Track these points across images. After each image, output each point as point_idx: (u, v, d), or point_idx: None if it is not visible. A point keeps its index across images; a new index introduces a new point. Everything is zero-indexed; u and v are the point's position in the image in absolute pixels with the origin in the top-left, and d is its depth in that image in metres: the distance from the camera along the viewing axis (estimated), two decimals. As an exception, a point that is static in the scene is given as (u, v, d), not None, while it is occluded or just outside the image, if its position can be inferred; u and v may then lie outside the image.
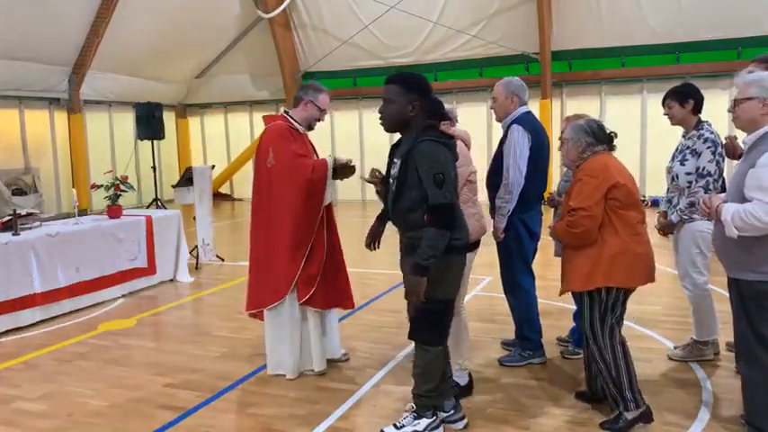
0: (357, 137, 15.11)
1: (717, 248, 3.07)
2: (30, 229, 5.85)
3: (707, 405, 3.56)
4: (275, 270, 4.05)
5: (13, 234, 5.60)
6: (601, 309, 3.25)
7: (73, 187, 11.84)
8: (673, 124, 4.16)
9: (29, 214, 6.08)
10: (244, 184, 16.35)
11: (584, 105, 12.28)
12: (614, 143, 3.40)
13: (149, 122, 11.76)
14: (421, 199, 2.96)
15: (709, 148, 3.91)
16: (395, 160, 3.14)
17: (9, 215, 5.85)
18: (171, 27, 13.02)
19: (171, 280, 7.18)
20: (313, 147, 4.29)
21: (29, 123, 12.51)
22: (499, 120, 4.22)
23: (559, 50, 12.75)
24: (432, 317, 3.13)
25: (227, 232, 11.09)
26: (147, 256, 6.82)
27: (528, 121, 4.08)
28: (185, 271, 7.30)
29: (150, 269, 6.87)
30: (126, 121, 14.51)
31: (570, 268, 3.32)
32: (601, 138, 3.33)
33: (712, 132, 3.98)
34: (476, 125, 13.73)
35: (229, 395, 3.96)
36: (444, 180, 2.90)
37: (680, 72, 11.73)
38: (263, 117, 4.26)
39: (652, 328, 4.92)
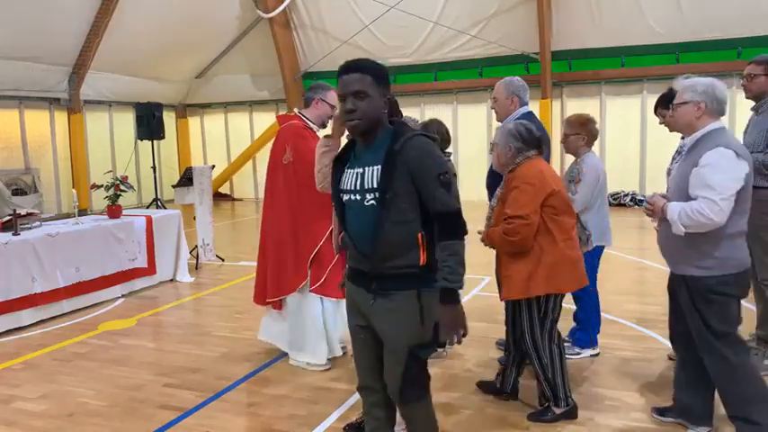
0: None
1: (661, 247, 3.17)
2: (30, 229, 5.85)
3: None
4: (294, 258, 4.22)
5: (13, 234, 5.60)
6: (540, 314, 3.34)
7: (73, 187, 11.85)
8: (671, 131, 4.16)
9: (29, 214, 6.07)
10: (244, 184, 16.37)
11: (584, 105, 12.28)
12: (543, 147, 3.46)
13: (149, 122, 11.76)
14: (414, 212, 2.36)
15: None
16: (357, 170, 2.42)
17: (9, 215, 5.85)
18: (171, 27, 13.01)
19: (171, 280, 7.18)
20: None
21: (29, 123, 12.50)
22: (500, 120, 4.22)
23: (559, 50, 12.74)
24: (423, 363, 2.53)
25: (227, 232, 11.09)
26: (147, 256, 6.82)
27: (530, 122, 4.07)
28: (185, 271, 7.30)
29: (150, 269, 6.87)
30: (126, 121, 14.51)
31: (508, 276, 3.33)
32: (530, 142, 3.36)
33: None
34: (476, 125, 13.74)
35: (229, 395, 3.96)
36: (451, 181, 2.39)
37: (680, 72, 11.52)
38: (278, 117, 4.48)
39: (652, 328, 4.92)
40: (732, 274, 2.92)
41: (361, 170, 2.40)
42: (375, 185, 2.35)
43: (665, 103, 4.09)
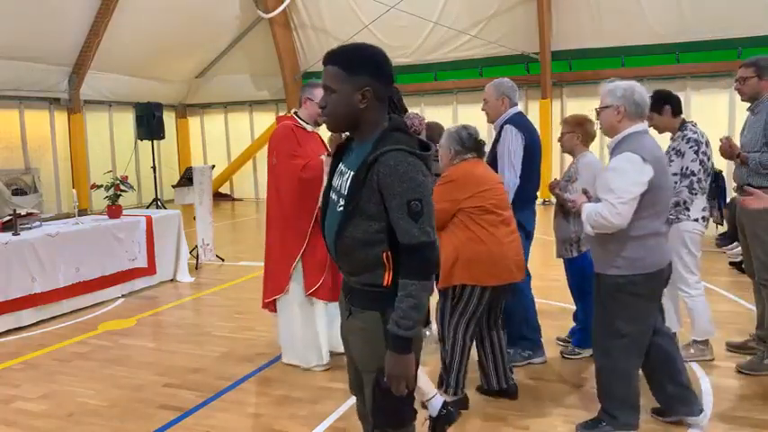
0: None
1: (589, 245, 3.33)
2: (30, 229, 5.85)
3: (706, 405, 3.55)
4: (280, 262, 4.26)
5: (13, 234, 5.60)
6: (453, 302, 3.52)
7: (73, 187, 11.84)
8: (660, 133, 4.19)
9: (29, 214, 6.07)
10: (244, 184, 16.37)
11: (584, 105, 12.18)
12: (484, 150, 3.60)
13: (149, 122, 11.75)
14: (381, 231, 2.02)
15: (691, 147, 3.95)
16: (342, 169, 2.17)
17: (9, 215, 5.85)
18: (171, 27, 13.00)
19: (171, 280, 7.18)
20: (324, 143, 4.49)
21: (29, 123, 12.50)
22: (491, 121, 4.27)
23: (559, 50, 12.74)
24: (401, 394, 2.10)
25: (227, 232, 11.09)
26: (147, 256, 6.82)
27: (520, 121, 4.11)
28: (185, 271, 7.30)
29: (150, 269, 6.87)
30: (126, 121, 14.50)
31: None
32: (469, 146, 3.53)
33: (695, 132, 4.01)
34: (475, 125, 13.70)
35: (229, 395, 3.96)
36: (422, 210, 1.97)
37: (680, 72, 11.73)
38: (277, 118, 4.53)
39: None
40: (641, 275, 2.99)
41: (343, 169, 2.16)
42: (345, 192, 2.07)
43: (651, 107, 4.14)
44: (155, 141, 11.95)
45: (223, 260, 8.17)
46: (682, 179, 3.95)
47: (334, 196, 2.17)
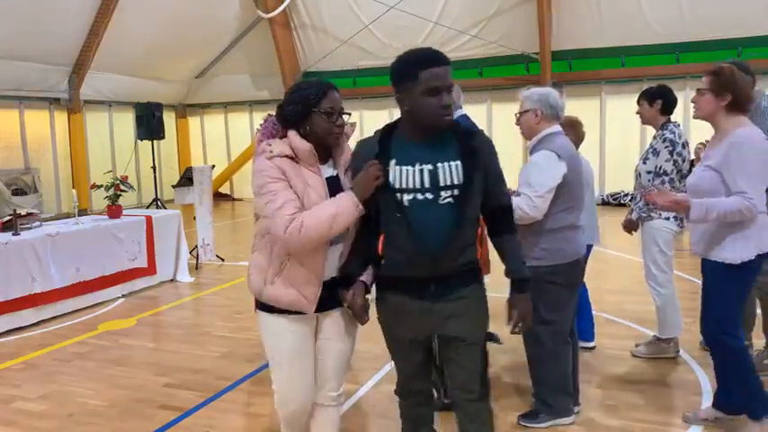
0: (358, 136, 15.04)
1: None
2: (30, 229, 5.85)
3: (705, 406, 3.55)
4: None
5: (13, 234, 5.60)
6: None
7: (73, 187, 11.84)
8: (642, 123, 4.32)
9: (29, 214, 6.07)
10: (244, 184, 16.36)
11: (585, 105, 12.28)
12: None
13: (149, 122, 11.76)
14: (478, 208, 2.34)
15: (666, 147, 3.99)
16: (428, 166, 2.25)
17: (9, 215, 5.85)
18: (171, 27, 13.01)
19: (171, 280, 7.18)
20: None
21: (29, 123, 12.50)
22: None
23: (559, 50, 12.74)
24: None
25: (227, 232, 11.10)
26: (147, 256, 6.82)
27: (465, 123, 4.13)
28: (185, 271, 7.30)
29: (150, 269, 6.87)
30: (126, 121, 14.50)
31: None
32: None
33: (673, 132, 4.05)
34: (476, 125, 13.72)
35: (229, 395, 3.96)
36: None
37: (680, 72, 11.72)
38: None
39: (652, 328, 4.92)
40: (560, 264, 3.18)
41: (430, 167, 2.24)
42: (456, 182, 2.23)
43: (646, 95, 4.24)
44: (155, 141, 11.95)
45: (223, 260, 8.17)
46: (654, 178, 3.99)
47: (424, 195, 2.23)
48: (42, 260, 5.67)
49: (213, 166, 9.06)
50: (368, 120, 14.72)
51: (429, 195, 2.22)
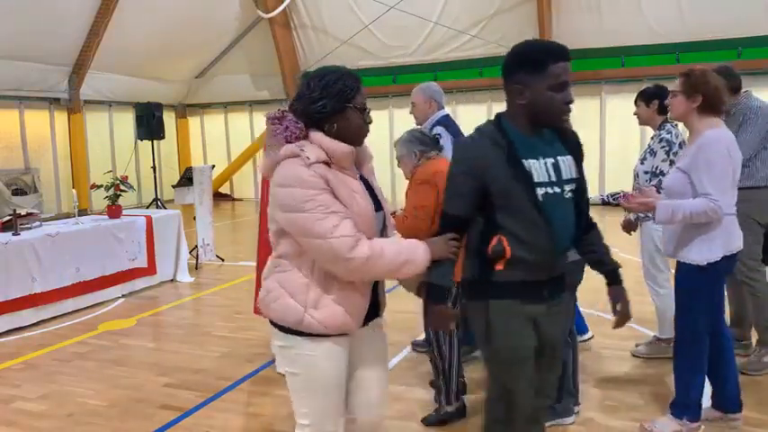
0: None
1: None
2: (30, 229, 5.85)
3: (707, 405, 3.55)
4: None
5: (13, 234, 5.60)
6: None
7: (73, 187, 11.83)
8: (640, 124, 4.32)
9: (29, 214, 6.07)
10: (244, 184, 16.37)
11: (585, 105, 12.27)
12: (440, 146, 3.56)
13: (149, 122, 11.75)
14: None
15: (663, 147, 4.00)
16: (551, 159, 2.18)
17: (9, 215, 5.85)
18: (171, 27, 13.00)
19: (171, 280, 7.18)
20: None
21: (29, 123, 12.50)
22: (420, 124, 4.30)
23: (559, 50, 12.74)
24: None
25: (227, 232, 11.09)
26: (147, 256, 6.81)
27: (449, 124, 4.17)
28: (185, 271, 7.30)
29: (150, 269, 6.87)
30: (126, 121, 14.50)
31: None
32: (429, 143, 3.46)
33: (670, 133, 4.06)
34: (476, 125, 13.70)
35: (229, 395, 3.96)
36: None
37: (680, 72, 11.70)
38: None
39: (652, 327, 4.92)
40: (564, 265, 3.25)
41: (552, 160, 2.16)
42: (573, 176, 2.20)
43: (644, 96, 4.25)
44: (155, 141, 11.95)
45: (223, 260, 8.17)
46: (652, 178, 4.00)
47: (554, 189, 2.15)
48: (42, 260, 5.66)
49: (213, 166, 9.06)
50: (368, 120, 14.73)
51: (557, 189, 2.15)
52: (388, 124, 13.99)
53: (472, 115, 13.76)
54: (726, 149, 2.91)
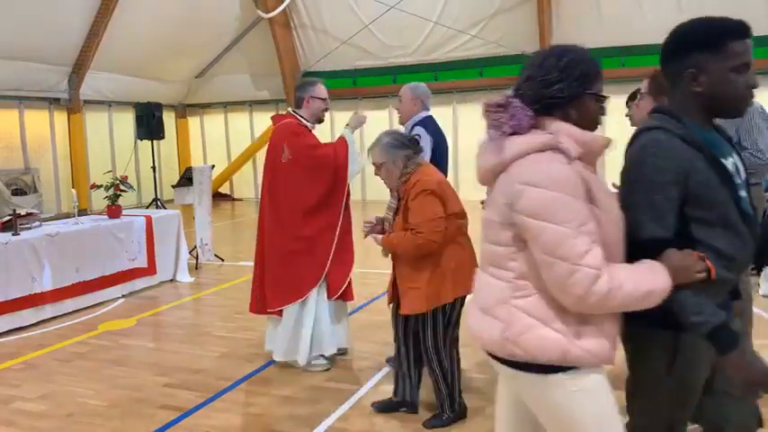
0: (357, 136, 15.08)
1: None
2: (30, 229, 5.85)
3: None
4: (301, 265, 4.12)
5: (13, 234, 5.59)
6: (444, 322, 3.29)
7: (73, 187, 11.83)
8: (631, 125, 4.21)
9: (29, 214, 6.07)
10: (244, 184, 16.37)
11: (584, 105, 12.27)
12: (419, 146, 3.47)
13: (149, 122, 11.75)
14: None
15: None
16: (733, 159, 1.85)
17: (9, 215, 5.85)
18: (171, 27, 13.01)
19: (171, 280, 7.18)
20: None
21: (29, 123, 12.50)
22: (402, 122, 4.31)
23: (559, 50, 12.75)
24: None
25: (226, 232, 11.09)
26: (147, 256, 6.81)
27: (430, 125, 4.16)
28: (185, 271, 7.29)
29: (150, 269, 6.87)
30: (126, 121, 14.50)
31: (416, 288, 3.22)
32: (411, 146, 3.35)
33: None
34: (476, 125, 13.69)
35: (229, 395, 3.96)
36: None
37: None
38: (272, 117, 4.44)
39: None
40: None
41: (733, 159, 1.84)
42: (746, 177, 1.86)
43: (632, 99, 4.24)
44: (155, 141, 11.94)
45: (223, 260, 8.17)
46: None
47: (746, 194, 1.82)
48: (42, 260, 5.66)
49: (213, 166, 9.06)
50: (368, 119, 14.73)
51: (745, 193, 1.80)
52: (388, 124, 13.97)
53: (472, 115, 13.76)
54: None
